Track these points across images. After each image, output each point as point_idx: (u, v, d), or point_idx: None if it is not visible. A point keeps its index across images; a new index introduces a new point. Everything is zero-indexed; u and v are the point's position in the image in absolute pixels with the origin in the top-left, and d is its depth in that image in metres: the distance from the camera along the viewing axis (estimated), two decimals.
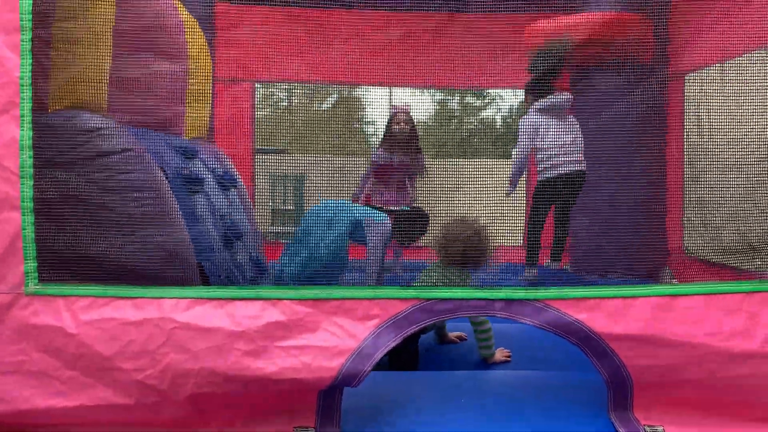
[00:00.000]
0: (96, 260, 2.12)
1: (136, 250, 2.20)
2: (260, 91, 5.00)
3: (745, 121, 2.79)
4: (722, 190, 2.89)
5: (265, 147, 4.69)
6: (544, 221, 3.69)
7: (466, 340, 3.14)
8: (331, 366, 2.04)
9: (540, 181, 3.71)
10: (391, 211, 3.51)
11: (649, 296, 2.13)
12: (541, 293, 2.14)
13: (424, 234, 2.84)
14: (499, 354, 2.91)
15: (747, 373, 2.12)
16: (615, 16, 3.37)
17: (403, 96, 4.42)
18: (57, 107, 2.29)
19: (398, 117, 4.15)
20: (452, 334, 3.16)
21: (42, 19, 2.08)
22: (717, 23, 2.73)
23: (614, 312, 2.12)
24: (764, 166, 2.66)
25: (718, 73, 2.99)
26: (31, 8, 2.03)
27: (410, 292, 2.14)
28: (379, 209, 3.59)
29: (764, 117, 2.73)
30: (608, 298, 2.13)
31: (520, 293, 2.14)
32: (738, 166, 2.81)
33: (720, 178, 2.92)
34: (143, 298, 2.07)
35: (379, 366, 2.18)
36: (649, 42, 3.19)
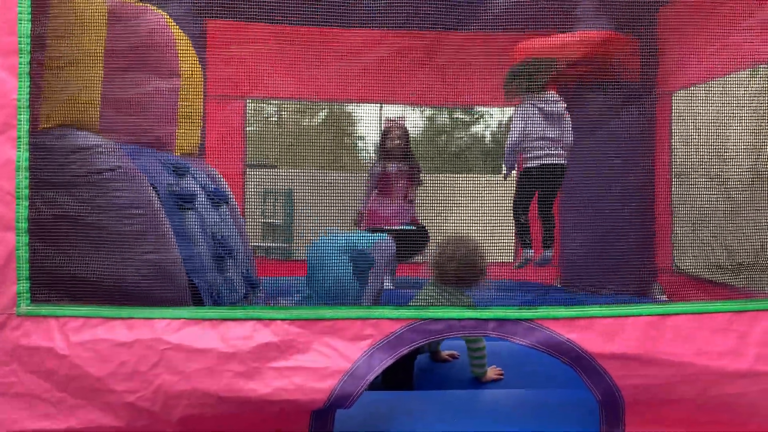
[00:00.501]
0: (88, 280, 2.11)
1: (129, 269, 2.19)
2: (251, 106, 5.01)
3: (731, 139, 2.83)
4: (710, 208, 2.92)
5: (256, 162, 4.70)
6: (528, 206, 3.77)
7: (458, 358, 3.14)
8: (323, 387, 2.03)
9: (524, 168, 3.80)
10: (394, 230, 3.56)
11: (640, 315, 2.15)
12: (533, 313, 2.15)
13: (423, 250, 2.88)
14: (492, 372, 2.91)
15: (738, 392, 2.14)
16: (603, 35, 3.42)
17: (395, 111, 4.46)
18: (47, 125, 2.29)
19: (393, 133, 4.21)
20: (445, 353, 3.16)
21: (39, 41, 2.09)
22: (704, 44, 2.78)
23: (606, 331, 2.13)
24: (751, 184, 2.69)
25: (705, 92, 3.04)
26: (29, 31, 2.04)
27: (403, 312, 2.14)
28: (380, 230, 3.65)
29: (750, 135, 2.77)
30: (600, 317, 2.14)
31: (512, 313, 2.15)
32: (725, 184, 2.85)
33: (708, 195, 2.96)
34: (135, 318, 2.06)
35: (373, 385, 2.18)
36: (636, 61, 3.24)
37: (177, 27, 3.34)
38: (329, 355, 2.08)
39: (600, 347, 2.11)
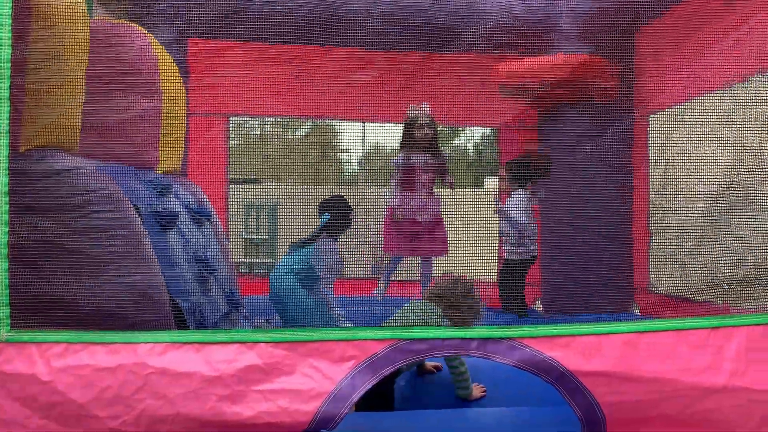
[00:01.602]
0: (70, 305, 2.10)
1: (111, 293, 2.18)
2: (234, 121, 5.01)
3: (708, 159, 2.89)
4: (687, 227, 2.98)
5: (239, 177, 4.70)
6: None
7: (441, 370, 3.17)
8: (307, 410, 2.04)
9: (512, 260, 3.91)
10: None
11: (619, 333, 2.19)
12: (515, 332, 2.18)
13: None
14: (476, 390, 2.94)
15: (716, 406, 2.18)
16: (582, 59, 3.48)
17: (377, 130, 4.46)
18: (27, 147, 2.28)
19: (421, 121, 3.88)
20: (429, 365, 3.19)
21: (19, 66, 2.08)
22: (679, 67, 2.84)
23: (586, 349, 2.17)
24: (726, 203, 2.75)
25: (681, 113, 3.10)
26: (9, 57, 2.03)
27: (386, 333, 2.16)
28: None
29: (726, 155, 2.84)
30: (580, 335, 2.18)
31: (494, 332, 2.18)
32: (701, 203, 2.91)
33: (684, 214, 3.02)
34: (118, 343, 2.05)
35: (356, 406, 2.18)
36: (614, 84, 3.30)
37: (159, 45, 3.34)
38: (313, 377, 2.09)
39: (580, 365, 2.15)
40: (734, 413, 2.19)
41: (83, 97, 2.47)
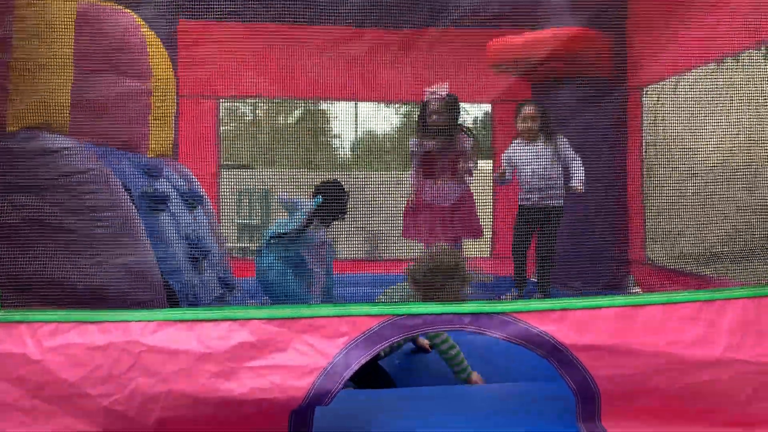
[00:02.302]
0: (60, 284, 2.08)
1: (101, 272, 2.17)
2: (225, 105, 4.97)
3: (701, 131, 2.88)
4: (680, 199, 2.98)
5: (231, 163, 4.67)
6: (528, 248, 3.78)
7: None
8: (301, 385, 2.03)
9: (522, 207, 3.81)
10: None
11: (613, 307, 2.18)
12: (508, 306, 2.17)
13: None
14: (475, 376, 2.89)
15: (709, 379, 2.18)
16: (575, 32, 3.46)
17: (369, 109, 4.43)
18: (14, 128, 2.25)
19: (431, 106, 3.66)
20: (424, 342, 3.20)
21: (4, 43, 2.05)
22: (672, 39, 2.82)
23: (580, 323, 2.16)
24: (720, 175, 2.75)
25: (675, 86, 3.09)
26: None
27: (380, 309, 2.15)
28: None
29: (719, 127, 2.83)
30: (573, 309, 2.17)
31: (487, 307, 2.17)
32: (695, 176, 2.90)
33: (678, 187, 3.01)
34: (109, 321, 2.03)
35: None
36: (608, 57, 3.29)
37: (148, 27, 3.31)
38: (307, 353, 2.07)
39: (574, 339, 2.14)
40: (728, 386, 2.19)
41: (71, 77, 2.44)
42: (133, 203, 2.57)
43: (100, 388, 1.99)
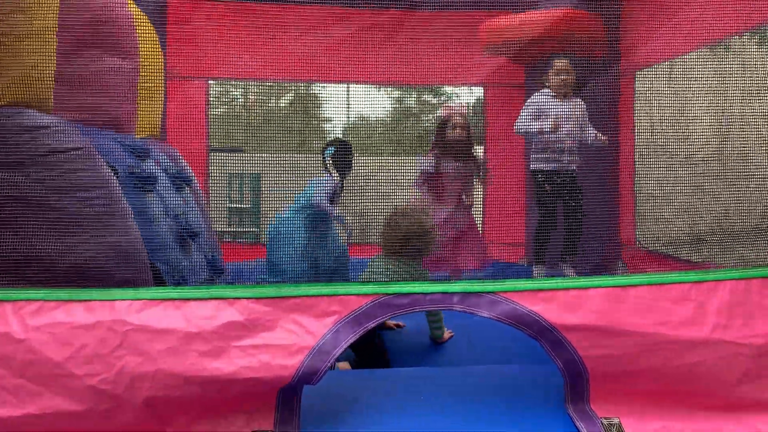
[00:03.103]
0: (45, 263, 2.06)
1: (87, 251, 2.14)
2: (214, 88, 4.92)
3: (692, 116, 2.88)
4: (671, 184, 2.98)
5: (221, 146, 4.63)
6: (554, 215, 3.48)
7: (403, 327, 3.33)
8: (289, 364, 2.02)
9: (541, 172, 3.53)
10: None
11: (601, 287, 2.18)
12: (497, 286, 2.17)
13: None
14: (446, 333, 3.16)
15: (698, 360, 2.18)
16: (568, 12, 3.43)
17: (360, 92, 4.38)
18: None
19: (455, 120, 3.54)
20: (391, 322, 3.35)
21: None
22: (665, 22, 2.81)
23: (568, 303, 2.16)
24: (710, 160, 2.75)
25: (668, 70, 3.08)
26: None
27: (369, 288, 2.14)
28: None
29: (711, 113, 2.82)
30: (562, 289, 2.17)
31: (475, 286, 2.16)
32: (686, 160, 2.90)
33: (669, 171, 3.01)
34: (95, 300, 2.01)
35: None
36: (601, 39, 3.26)
37: (135, 5, 3.25)
38: (295, 331, 2.06)
39: (563, 319, 2.14)
40: (717, 367, 2.20)
41: (54, 52, 2.39)
42: (120, 183, 2.54)
43: (86, 368, 1.97)
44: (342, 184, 3.33)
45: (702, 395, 2.23)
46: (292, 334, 2.05)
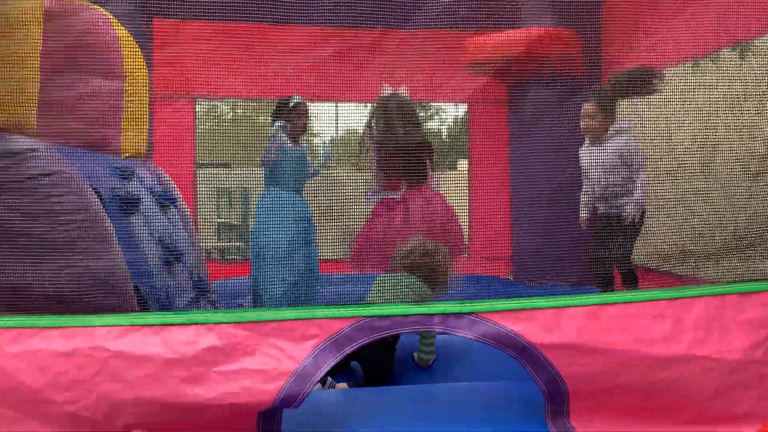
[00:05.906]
0: (22, 290, 2.05)
1: (66, 278, 2.14)
2: (201, 106, 4.93)
3: (676, 131, 2.91)
4: (652, 198, 3.00)
5: (208, 162, 4.63)
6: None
7: None
8: (270, 389, 2.02)
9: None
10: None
11: (580, 306, 2.20)
12: (476, 306, 2.18)
13: None
14: (431, 360, 3.10)
15: (675, 376, 2.21)
16: (549, 32, 3.46)
17: (348, 109, 4.39)
18: None
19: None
20: None
21: None
22: (646, 38, 2.84)
23: (547, 322, 2.18)
24: (689, 175, 2.78)
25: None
26: None
27: (348, 311, 2.15)
28: None
29: (695, 127, 2.86)
30: (541, 308, 2.19)
31: (455, 307, 2.18)
32: (669, 176, 2.93)
33: (652, 186, 3.04)
34: (74, 327, 2.01)
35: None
36: (581, 57, 3.30)
37: (121, 26, 3.27)
38: (275, 356, 2.07)
39: (542, 338, 2.16)
40: (694, 382, 2.22)
41: (38, 76, 2.40)
42: (103, 206, 2.55)
43: (65, 394, 1.97)
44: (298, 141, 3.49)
45: (679, 410, 2.25)
46: (272, 358, 2.05)
